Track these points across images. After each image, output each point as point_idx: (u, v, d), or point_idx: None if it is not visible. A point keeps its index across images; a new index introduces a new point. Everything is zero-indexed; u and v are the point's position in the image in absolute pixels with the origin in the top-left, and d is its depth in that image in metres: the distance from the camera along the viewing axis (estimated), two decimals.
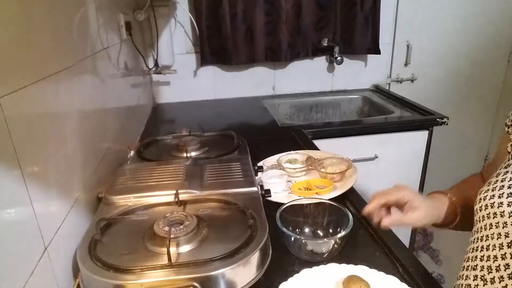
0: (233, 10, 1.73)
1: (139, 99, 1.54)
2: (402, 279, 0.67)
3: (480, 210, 0.55)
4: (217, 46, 1.80)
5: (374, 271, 0.67)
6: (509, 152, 0.58)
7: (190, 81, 1.91)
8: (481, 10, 2.02)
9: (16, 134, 0.52)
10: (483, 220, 0.54)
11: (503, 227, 0.50)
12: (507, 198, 0.51)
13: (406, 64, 2.08)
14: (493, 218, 0.52)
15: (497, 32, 2.07)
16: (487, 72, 2.15)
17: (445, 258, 2.11)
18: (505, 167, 0.56)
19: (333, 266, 0.69)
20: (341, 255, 0.75)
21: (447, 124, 1.58)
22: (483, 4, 2.01)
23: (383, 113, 1.75)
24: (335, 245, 0.73)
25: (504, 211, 0.51)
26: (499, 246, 0.51)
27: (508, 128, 0.63)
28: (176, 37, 1.81)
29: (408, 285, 0.64)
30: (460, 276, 0.60)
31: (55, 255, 0.61)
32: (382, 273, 0.66)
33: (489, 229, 0.53)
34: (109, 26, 1.10)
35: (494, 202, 0.52)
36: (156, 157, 1.08)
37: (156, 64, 1.72)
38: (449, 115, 1.58)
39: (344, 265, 0.68)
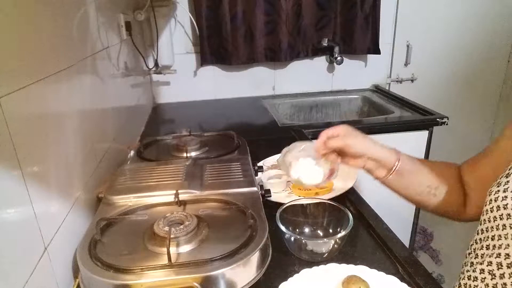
0: (233, 10, 1.73)
1: (139, 99, 1.54)
2: (402, 279, 0.67)
3: (491, 211, 0.55)
4: (217, 46, 1.80)
5: (374, 271, 0.67)
6: None
7: (190, 81, 1.91)
8: (481, 10, 2.02)
9: (16, 134, 0.52)
10: (495, 220, 0.55)
11: None
12: None
13: (406, 64, 2.08)
14: (507, 219, 0.52)
15: (497, 32, 2.07)
16: (487, 72, 2.15)
17: (445, 258, 2.11)
18: None
19: (333, 266, 0.68)
20: (341, 255, 0.75)
21: (447, 124, 1.58)
22: (483, 4, 2.01)
23: (383, 113, 1.75)
24: (335, 245, 0.73)
25: None
26: None
27: None
28: (176, 37, 1.81)
29: (408, 285, 0.64)
30: (463, 272, 0.60)
31: (55, 255, 0.61)
32: (382, 273, 0.66)
33: (502, 230, 0.53)
34: (109, 26, 1.10)
35: (507, 204, 0.53)
36: (156, 157, 1.08)
37: (156, 64, 1.71)
38: (449, 115, 1.58)
39: (344, 265, 0.68)
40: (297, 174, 0.76)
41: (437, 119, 1.57)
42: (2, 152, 0.49)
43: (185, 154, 1.07)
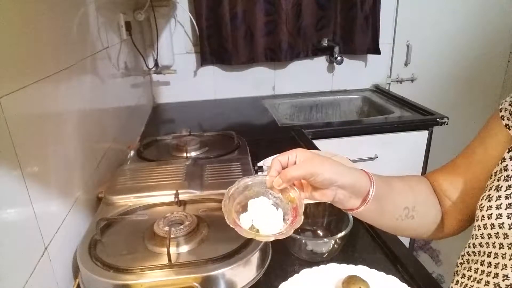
0: (233, 10, 1.73)
1: (139, 99, 1.54)
2: (402, 279, 0.67)
3: (485, 228, 0.52)
4: (217, 46, 1.80)
5: (374, 271, 0.67)
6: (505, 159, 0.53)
7: (190, 81, 1.91)
8: (481, 10, 2.02)
9: (16, 134, 0.52)
10: (490, 237, 0.51)
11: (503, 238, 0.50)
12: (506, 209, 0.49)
13: (406, 64, 2.08)
14: (504, 238, 0.49)
15: (497, 32, 2.07)
16: (487, 72, 2.15)
17: (445, 258, 2.11)
18: (506, 179, 0.51)
19: (333, 266, 0.68)
20: (341, 255, 0.75)
21: (447, 124, 1.58)
22: (483, 4, 2.01)
23: (383, 113, 1.75)
24: (335, 245, 0.73)
25: (503, 223, 0.49)
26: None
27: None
28: (176, 37, 1.81)
29: (408, 285, 0.64)
30: (453, 280, 0.60)
31: (55, 255, 0.61)
32: (382, 273, 0.66)
33: (499, 248, 0.50)
34: (109, 26, 1.10)
35: (504, 223, 0.49)
36: (156, 157, 1.08)
37: (156, 64, 1.71)
38: (449, 115, 1.58)
39: (344, 265, 0.68)
40: (248, 223, 0.54)
41: (437, 119, 1.57)
42: (2, 152, 0.49)
43: (185, 154, 1.07)
